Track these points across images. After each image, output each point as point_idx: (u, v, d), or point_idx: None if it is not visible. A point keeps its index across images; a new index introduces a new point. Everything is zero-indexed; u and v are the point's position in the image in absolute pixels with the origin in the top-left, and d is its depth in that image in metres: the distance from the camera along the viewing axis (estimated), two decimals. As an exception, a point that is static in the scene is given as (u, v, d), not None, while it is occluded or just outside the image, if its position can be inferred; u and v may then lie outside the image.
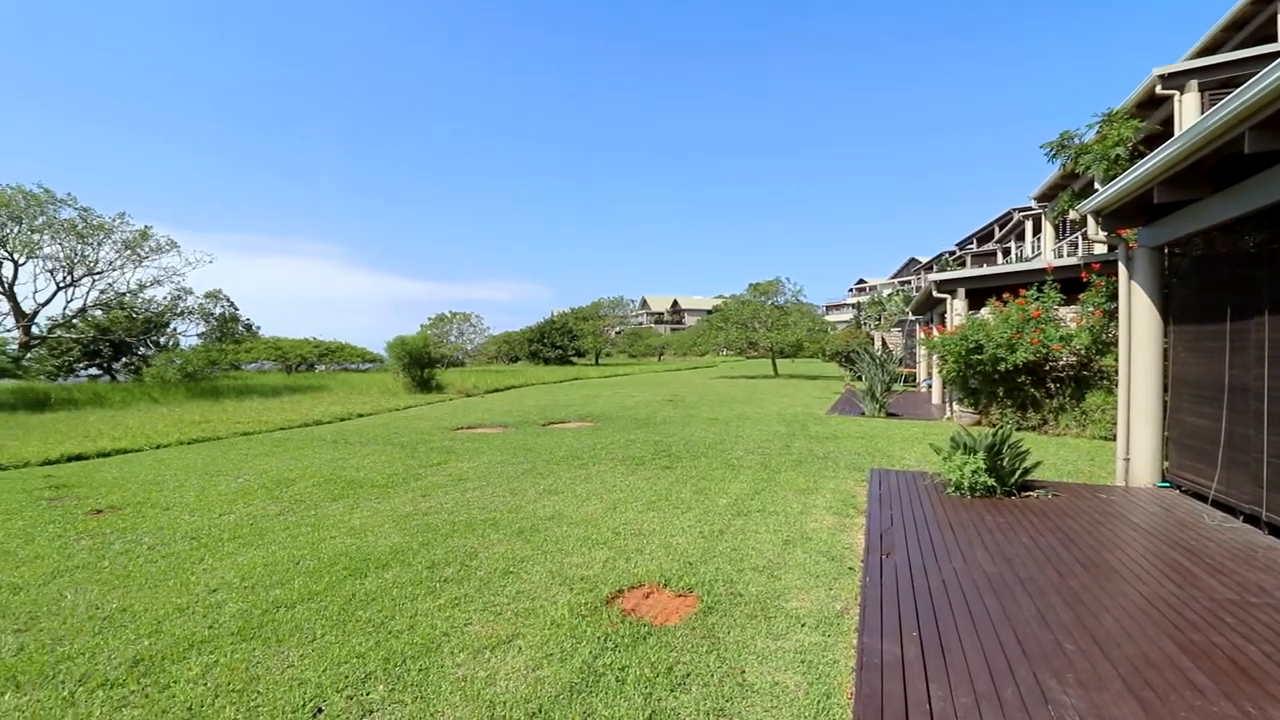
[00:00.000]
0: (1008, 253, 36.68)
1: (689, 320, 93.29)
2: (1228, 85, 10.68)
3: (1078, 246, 18.95)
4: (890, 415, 13.42)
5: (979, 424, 11.15)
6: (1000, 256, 37.88)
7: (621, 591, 3.95)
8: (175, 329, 29.16)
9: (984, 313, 11.77)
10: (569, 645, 3.23)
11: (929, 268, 57.89)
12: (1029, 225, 29.07)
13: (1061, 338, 10.31)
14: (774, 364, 34.17)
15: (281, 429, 12.57)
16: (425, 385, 21.74)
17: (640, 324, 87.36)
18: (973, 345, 10.79)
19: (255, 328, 40.42)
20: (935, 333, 12.69)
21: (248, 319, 40.16)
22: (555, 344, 50.91)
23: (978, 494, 6.12)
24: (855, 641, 3.23)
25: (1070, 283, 11.05)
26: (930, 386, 18.34)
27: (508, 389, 23.85)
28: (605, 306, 60.68)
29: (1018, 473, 6.23)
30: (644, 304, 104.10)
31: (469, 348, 51.57)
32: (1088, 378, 10.42)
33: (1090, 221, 6.75)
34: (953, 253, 50.04)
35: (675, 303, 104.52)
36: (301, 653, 3.20)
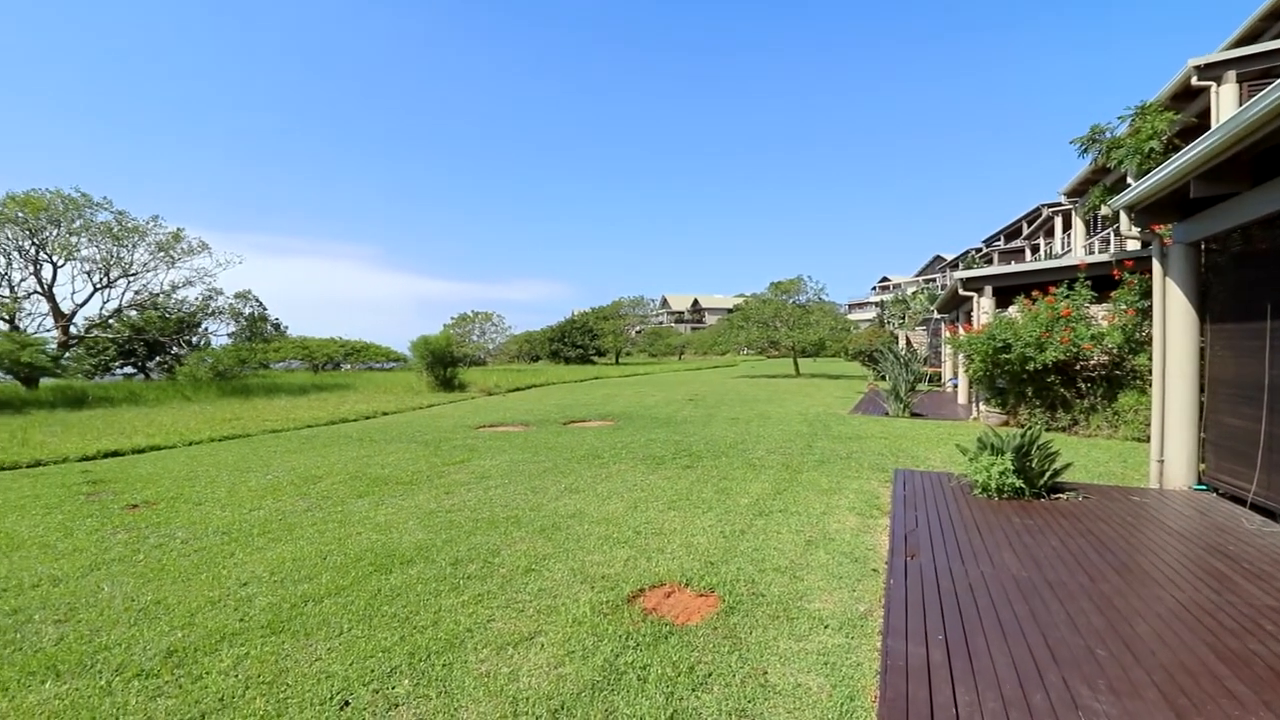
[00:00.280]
0: (1036, 250, 35.94)
1: (709, 319, 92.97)
2: (1267, 76, 10.33)
3: (1109, 243, 18.50)
4: (914, 415, 13.23)
5: (1006, 424, 10.94)
6: (1028, 253, 37.13)
7: (643, 590, 3.96)
8: (206, 328, 29.84)
9: (1012, 311, 11.54)
10: (590, 643, 3.24)
11: (954, 265, 56.94)
12: (1058, 221, 28.45)
13: (1093, 336, 10.07)
14: (795, 363, 33.92)
15: (309, 426, 12.81)
16: (448, 384, 21.98)
17: (660, 323, 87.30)
18: (1000, 344, 10.59)
19: (283, 327, 41.18)
20: (961, 331, 12.48)
21: (276, 319, 40.91)
22: (576, 343, 51.08)
23: (1005, 496, 6.00)
24: (879, 644, 3.19)
25: (1101, 280, 10.78)
26: (956, 386, 18.04)
27: (529, 388, 24.01)
28: (626, 306, 60.74)
29: (1047, 474, 6.10)
30: (664, 303, 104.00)
31: (491, 347, 52.01)
32: (1120, 377, 10.16)
33: (1123, 217, 6.59)
34: (979, 250, 49.19)
35: (696, 302, 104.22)
36: (329, 646, 3.26)
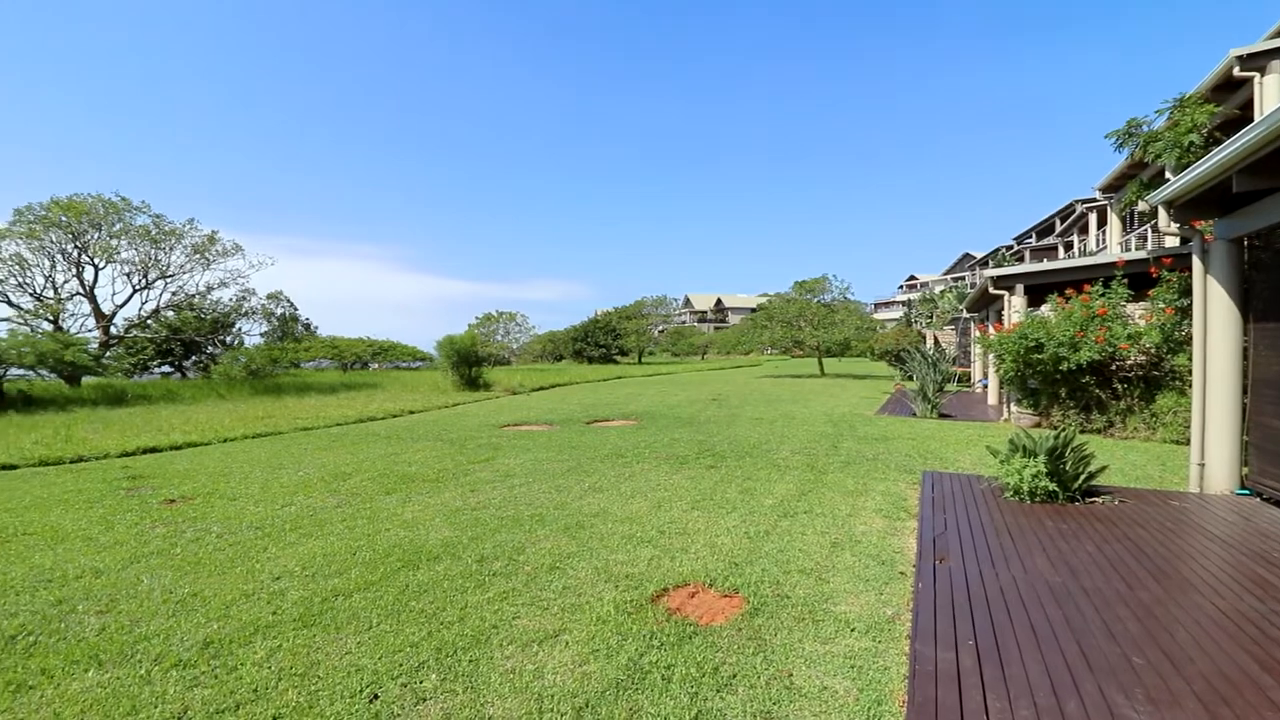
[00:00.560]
0: (1069, 247, 35.07)
1: (733, 319, 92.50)
2: (1316, 65, 9.91)
3: (1146, 240, 17.96)
4: (943, 416, 13.00)
5: (1039, 426, 10.70)
6: (1061, 251, 36.25)
7: (666, 590, 3.96)
8: (240, 328, 30.68)
9: (1044, 310, 11.28)
10: (615, 642, 3.25)
11: (984, 263, 55.84)
12: (1093, 218, 27.71)
13: (1129, 336, 9.79)
14: (820, 363, 33.56)
15: (338, 424, 13.06)
16: (473, 383, 22.22)
17: (683, 323, 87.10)
18: (1032, 344, 10.35)
19: (313, 327, 42.16)
20: (991, 331, 12.24)
21: (306, 319, 41.94)
22: (599, 343, 51.26)
23: (1038, 499, 5.87)
24: (907, 648, 3.15)
25: (1139, 278, 10.48)
26: (986, 387, 17.68)
27: (552, 387, 24.16)
28: (648, 305, 60.74)
29: (1082, 477, 5.95)
30: (687, 302, 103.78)
31: (515, 346, 52.48)
32: (1158, 378, 9.87)
33: (1161, 213, 6.39)
34: (1010, 247, 48.17)
35: (719, 301, 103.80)
36: (358, 640, 3.32)
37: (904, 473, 7.37)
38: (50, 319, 23.20)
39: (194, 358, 29.35)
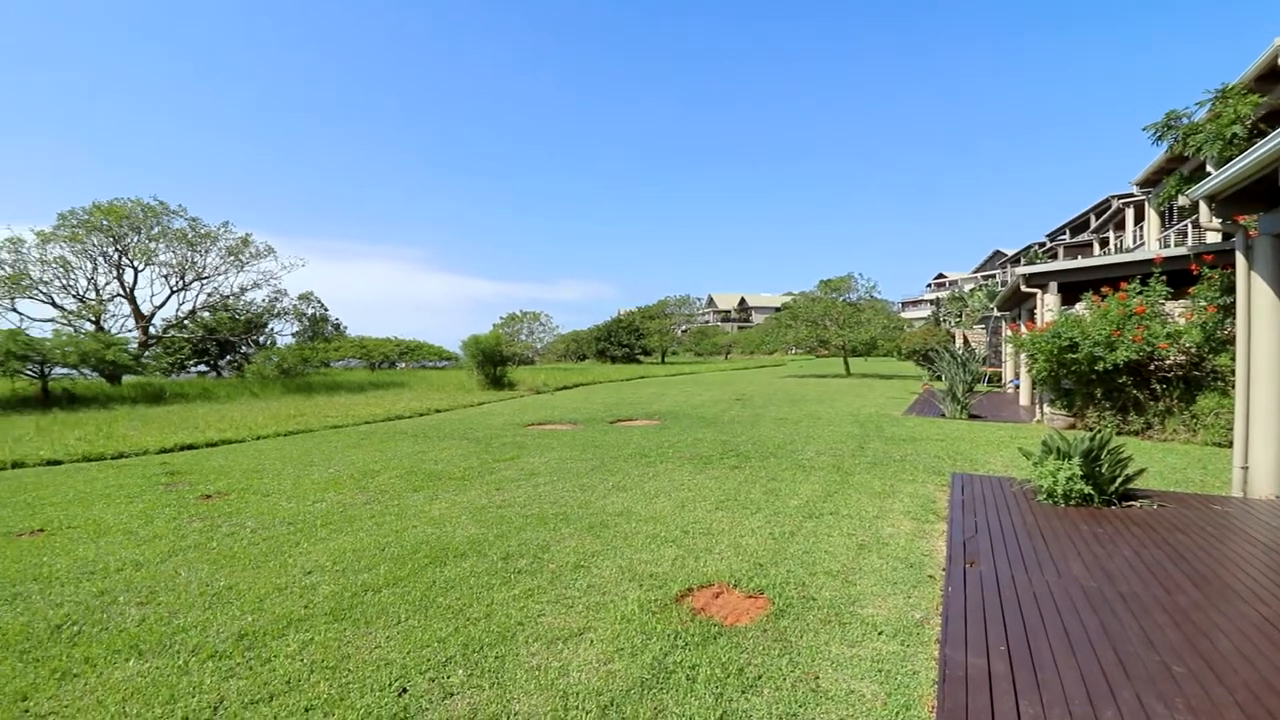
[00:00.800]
0: (1105, 243, 34.15)
1: (756, 318, 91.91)
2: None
3: (1186, 236, 17.40)
4: (973, 417, 12.75)
5: (1073, 427, 10.44)
6: (1097, 247, 35.32)
7: (691, 590, 3.95)
8: (272, 328, 31.43)
9: (1079, 308, 10.99)
10: (639, 641, 3.25)
11: (1015, 261, 54.68)
12: (1130, 213, 26.94)
13: (1168, 335, 9.50)
14: (846, 363, 33.18)
15: (367, 423, 13.29)
16: (498, 382, 22.43)
17: (707, 322, 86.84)
18: (1066, 343, 10.10)
19: (343, 327, 42.99)
20: (1024, 330, 11.97)
21: (336, 319, 42.79)
22: (622, 342, 51.35)
23: (1072, 502, 5.73)
24: (937, 653, 3.09)
25: (1178, 275, 10.15)
26: (1017, 387, 17.31)
27: (576, 386, 24.27)
28: (671, 305, 60.65)
29: (1118, 480, 5.79)
30: (710, 302, 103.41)
31: (539, 346, 52.85)
32: (1199, 378, 9.55)
33: (1202, 208, 6.17)
34: (1043, 244, 47.13)
35: (743, 300, 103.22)
36: (387, 635, 3.37)
37: (932, 474, 7.25)
38: (92, 319, 24.00)
39: (229, 357, 30.15)
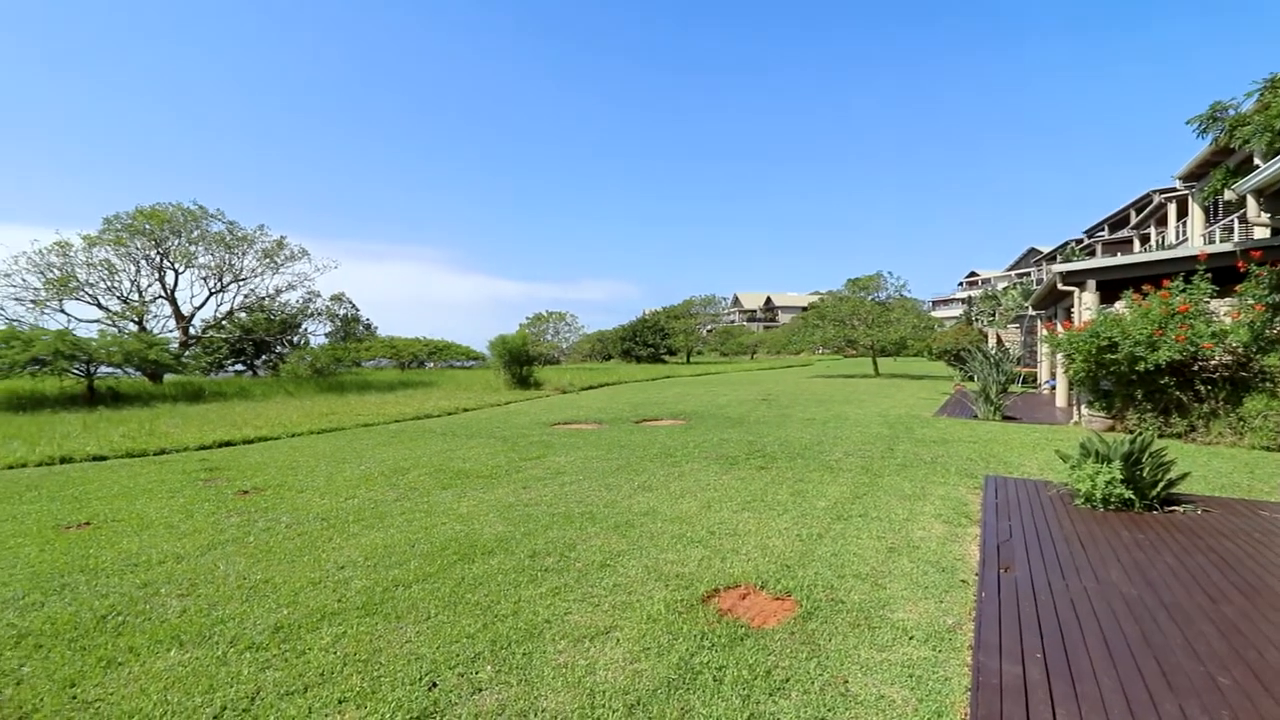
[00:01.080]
0: (1146, 240, 33.09)
1: (783, 318, 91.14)
2: None
3: (1232, 231, 16.76)
4: (1007, 418, 12.46)
5: (1112, 429, 10.13)
6: (1137, 244, 34.25)
7: (717, 591, 3.93)
8: (306, 329, 32.15)
9: (1118, 307, 10.67)
10: (665, 641, 3.25)
11: (1052, 258, 53.28)
12: (1172, 209, 26.07)
13: (1213, 334, 9.16)
14: (874, 363, 32.69)
15: (397, 421, 13.51)
16: (524, 382, 22.61)
17: (732, 322, 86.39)
18: (1105, 343, 9.80)
19: (373, 327, 43.79)
20: (1060, 329, 11.65)
21: (367, 319, 43.60)
22: (647, 342, 51.34)
23: (1112, 507, 5.56)
24: (969, 659, 3.03)
25: (1224, 272, 9.79)
26: (1053, 388, 16.87)
27: (601, 386, 24.34)
28: (697, 305, 60.48)
29: (1160, 484, 5.60)
30: (736, 301, 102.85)
31: (564, 346, 53.13)
32: (1246, 379, 9.19)
33: (1250, 202, 5.95)
34: (1080, 241, 45.90)
35: (768, 300, 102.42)
36: (418, 629, 3.43)
37: (965, 477, 7.11)
38: (135, 320, 24.83)
39: (264, 356, 30.94)
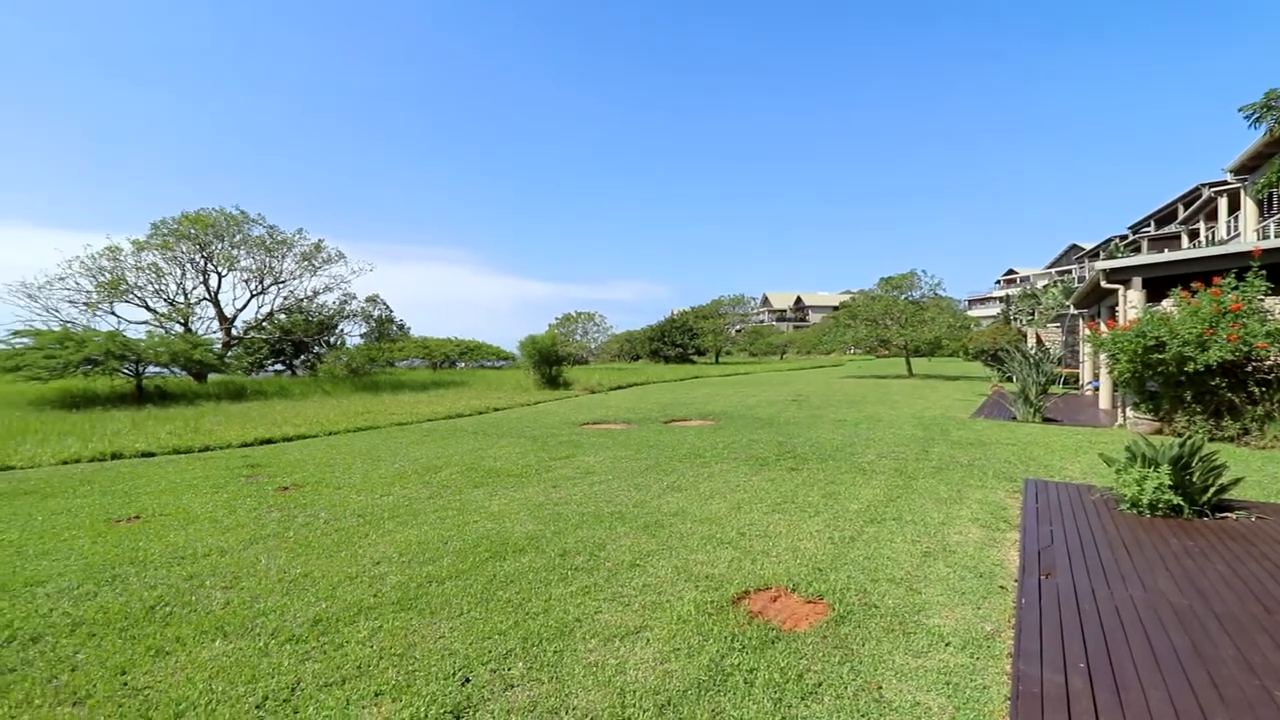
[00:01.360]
0: (1194, 235, 31.85)
1: (813, 318, 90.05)
2: None
3: (1291, 226, 16.00)
4: (1047, 420, 12.11)
5: (1159, 432, 9.77)
6: (1185, 240, 32.99)
7: (748, 593, 3.90)
8: (342, 329, 32.89)
9: (1166, 305, 10.28)
10: (696, 642, 3.24)
11: (1094, 255, 51.63)
12: (1222, 203, 25.04)
13: (1269, 334, 8.76)
14: (908, 363, 32.08)
15: (429, 420, 13.74)
16: (553, 382, 22.79)
17: (761, 322, 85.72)
18: (1152, 342, 9.45)
19: (406, 328, 44.59)
20: (1104, 328, 11.28)
21: (400, 320, 44.40)
22: (675, 342, 51.25)
23: (1159, 513, 5.36)
24: (1009, 667, 2.95)
25: (1279, 269, 9.37)
26: (1097, 389, 16.35)
27: (630, 386, 24.38)
28: (725, 305, 60.20)
29: (1211, 490, 5.38)
30: (765, 301, 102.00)
31: (593, 346, 53.37)
32: (1306, 381, 8.77)
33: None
34: (1124, 237, 44.41)
35: (799, 299, 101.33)
36: (451, 625, 3.48)
37: (1003, 480, 6.93)
38: (181, 322, 25.73)
39: (302, 357, 31.75)
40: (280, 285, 28.90)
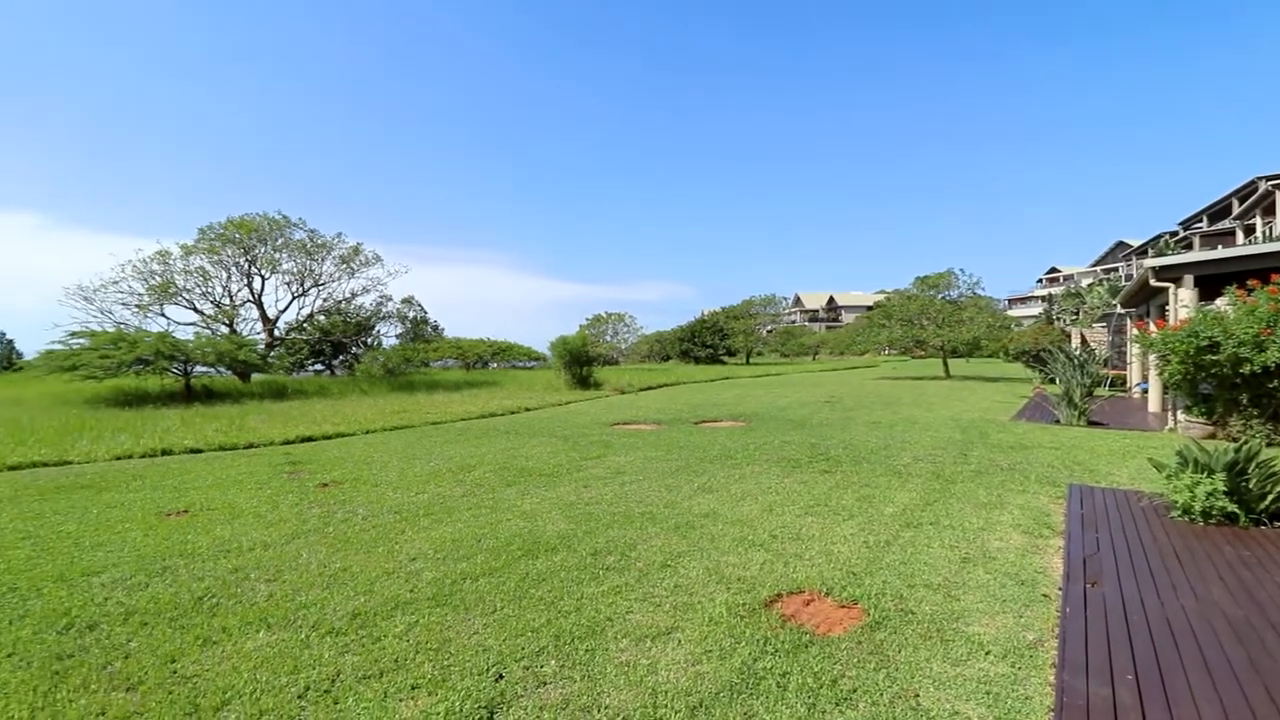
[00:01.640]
0: (1250, 231, 30.44)
1: (846, 318, 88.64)
2: None
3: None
4: (1092, 424, 11.70)
5: (1213, 437, 9.36)
6: (1240, 236, 31.55)
7: (780, 596, 3.86)
8: (379, 330, 33.69)
9: (1220, 304, 9.85)
10: (728, 644, 3.22)
11: (1142, 252, 49.75)
12: (1283, 197, 23.84)
13: (1334, 334, 8.32)
14: (945, 364, 31.32)
15: (463, 420, 13.95)
16: (584, 382, 22.91)
17: (793, 322, 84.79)
18: (1205, 343, 9.06)
19: (440, 329, 45.40)
20: (1153, 328, 10.86)
21: (434, 321, 45.25)
22: (706, 343, 51.02)
23: (1213, 521, 5.14)
24: (1052, 678, 2.87)
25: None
26: (1145, 391, 15.74)
27: (660, 387, 24.36)
28: (756, 305, 59.66)
29: (1270, 497, 5.13)
30: (797, 301, 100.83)
31: (623, 347, 53.52)
32: (1375, 384, 8.30)
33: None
34: (1174, 233, 42.73)
35: (831, 299, 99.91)
36: (484, 622, 3.53)
37: (1046, 485, 6.72)
38: (227, 323, 26.61)
39: (341, 357, 32.60)
40: (320, 287, 29.66)
